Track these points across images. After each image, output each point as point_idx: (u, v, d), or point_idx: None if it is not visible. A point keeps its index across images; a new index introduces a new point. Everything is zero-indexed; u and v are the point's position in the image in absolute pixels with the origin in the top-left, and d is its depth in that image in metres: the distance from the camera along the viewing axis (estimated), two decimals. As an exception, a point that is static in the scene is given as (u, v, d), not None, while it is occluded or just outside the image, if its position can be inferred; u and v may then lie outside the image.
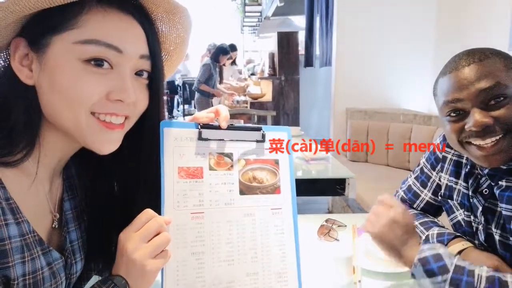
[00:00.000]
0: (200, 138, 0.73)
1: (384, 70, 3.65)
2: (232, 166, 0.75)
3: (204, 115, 0.73)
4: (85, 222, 0.74)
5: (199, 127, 0.73)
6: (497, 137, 0.81)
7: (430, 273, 0.79)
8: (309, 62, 5.32)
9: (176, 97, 10.62)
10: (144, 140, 0.70)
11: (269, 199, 0.77)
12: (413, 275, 0.83)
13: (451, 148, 1.03)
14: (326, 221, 1.34)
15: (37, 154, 0.60)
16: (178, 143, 0.71)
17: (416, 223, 1.08)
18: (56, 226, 0.67)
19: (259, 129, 0.80)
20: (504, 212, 0.86)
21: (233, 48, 6.01)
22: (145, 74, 0.64)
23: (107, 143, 0.62)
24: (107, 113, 0.60)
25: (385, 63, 3.65)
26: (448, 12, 3.38)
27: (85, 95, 0.58)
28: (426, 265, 0.80)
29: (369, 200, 2.62)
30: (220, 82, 5.83)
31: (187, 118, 0.78)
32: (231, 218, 0.73)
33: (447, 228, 1.03)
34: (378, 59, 3.64)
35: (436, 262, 0.79)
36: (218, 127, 0.74)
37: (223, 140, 0.76)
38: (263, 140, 0.79)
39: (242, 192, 0.75)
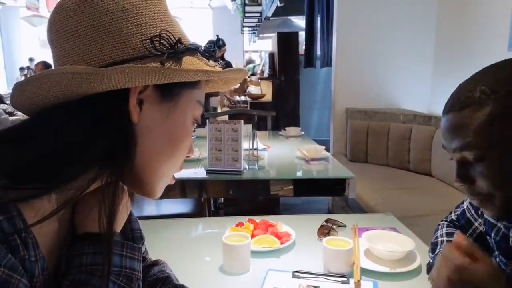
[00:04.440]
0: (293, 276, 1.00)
1: (384, 70, 3.65)
2: None
3: None
4: None
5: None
6: (478, 200, 0.74)
7: None
8: (309, 63, 5.31)
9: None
10: None
11: None
12: None
13: None
14: (326, 221, 1.34)
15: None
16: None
17: (445, 238, 0.97)
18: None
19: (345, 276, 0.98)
20: None
21: (222, 43, 5.91)
22: None
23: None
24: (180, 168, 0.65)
25: (385, 63, 3.65)
26: (448, 12, 3.38)
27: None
28: None
29: (369, 200, 2.62)
30: None
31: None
32: None
33: None
34: (378, 59, 3.64)
35: None
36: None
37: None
38: (347, 282, 0.97)
39: None
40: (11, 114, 4.68)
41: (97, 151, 0.53)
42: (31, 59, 10.71)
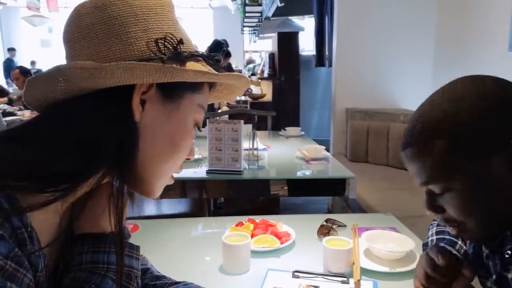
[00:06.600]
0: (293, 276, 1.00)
1: (384, 70, 3.65)
2: None
3: None
4: None
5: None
6: (453, 227, 0.74)
7: None
8: (321, 62, 5.24)
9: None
10: None
11: None
12: None
13: None
14: (326, 221, 1.34)
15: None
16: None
17: (435, 237, 0.97)
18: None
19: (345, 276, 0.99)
20: None
21: (226, 43, 5.76)
22: None
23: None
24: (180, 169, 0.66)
25: (385, 63, 3.65)
26: (448, 13, 3.38)
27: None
28: None
29: (369, 200, 2.62)
30: None
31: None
32: None
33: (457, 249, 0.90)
34: (378, 59, 3.64)
35: None
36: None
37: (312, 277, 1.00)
38: (347, 282, 0.97)
39: None
40: (11, 114, 4.68)
41: (107, 150, 0.55)
42: (32, 63, 10.74)
